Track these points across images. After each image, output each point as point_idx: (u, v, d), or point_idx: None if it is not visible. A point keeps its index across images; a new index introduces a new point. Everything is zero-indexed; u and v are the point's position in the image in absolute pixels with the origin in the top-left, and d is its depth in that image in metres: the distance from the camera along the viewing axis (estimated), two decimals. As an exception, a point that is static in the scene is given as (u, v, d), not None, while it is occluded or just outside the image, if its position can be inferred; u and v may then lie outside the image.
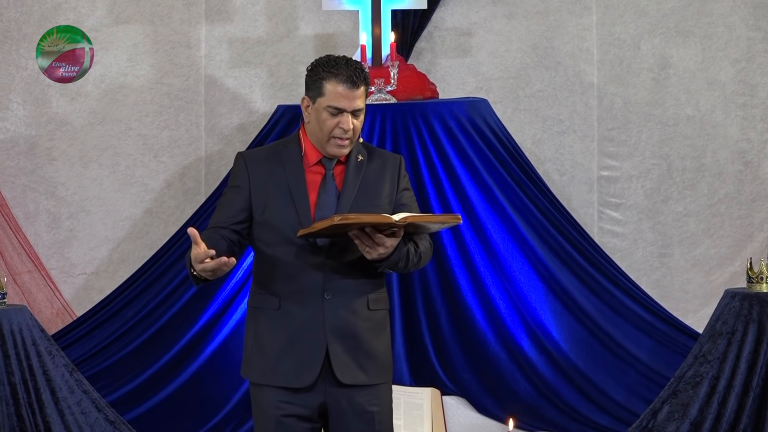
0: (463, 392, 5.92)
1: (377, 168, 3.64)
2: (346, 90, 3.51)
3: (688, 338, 6.03)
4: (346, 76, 3.51)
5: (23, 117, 6.92)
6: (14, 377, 5.00)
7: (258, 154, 3.66)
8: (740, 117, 6.97)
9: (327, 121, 3.52)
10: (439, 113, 6.20)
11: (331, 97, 3.51)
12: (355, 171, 3.60)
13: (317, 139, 3.57)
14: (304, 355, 3.52)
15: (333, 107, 3.51)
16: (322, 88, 3.52)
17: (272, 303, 3.56)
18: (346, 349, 3.53)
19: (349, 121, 3.52)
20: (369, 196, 3.58)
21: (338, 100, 3.51)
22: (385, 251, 3.45)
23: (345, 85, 3.51)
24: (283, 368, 3.53)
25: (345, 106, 3.51)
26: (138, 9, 6.99)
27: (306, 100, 3.58)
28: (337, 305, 3.53)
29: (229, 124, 7.05)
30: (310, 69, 3.57)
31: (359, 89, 3.53)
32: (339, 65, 3.52)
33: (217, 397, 5.97)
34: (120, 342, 6.17)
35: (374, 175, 3.62)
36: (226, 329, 6.07)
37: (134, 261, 6.85)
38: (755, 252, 6.76)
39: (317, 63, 3.57)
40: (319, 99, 3.53)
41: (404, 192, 3.67)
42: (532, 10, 7.01)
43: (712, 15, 6.97)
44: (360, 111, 3.55)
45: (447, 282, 6.06)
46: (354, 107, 3.52)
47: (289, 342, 3.53)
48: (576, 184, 6.99)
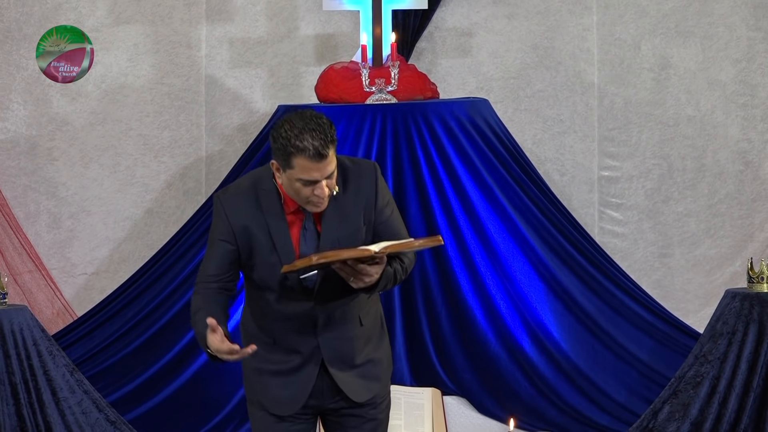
0: (464, 392, 5.92)
1: (354, 193, 3.53)
2: (316, 164, 3.34)
3: (688, 338, 6.03)
4: (314, 152, 3.32)
5: (24, 117, 6.92)
6: (15, 377, 5.00)
7: (236, 196, 3.52)
8: (741, 117, 6.97)
9: (301, 189, 3.39)
10: (439, 113, 6.19)
11: (303, 172, 3.35)
12: (332, 209, 3.49)
13: (293, 198, 3.46)
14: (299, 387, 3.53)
15: (305, 180, 3.37)
16: (291, 161, 3.35)
17: (268, 337, 3.58)
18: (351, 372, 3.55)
19: (323, 187, 3.38)
20: (349, 230, 3.51)
21: (309, 173, 3.35)
22: (370, 279, 3.40)
23: (313, 160, 3.34)
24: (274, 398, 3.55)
25: (317, 177, 3.37)
26: (138, 9, 6.99)
27: (275, 164, 3.42)
28: (331, 337, 3.53)
29: (230, 124, 7.05)
30: (274, 138, 3.39)
31: (328, 157, 3.36)
32: (305, 139, 3.33)
33: (218, 397, 5.97)
34: (121, 342, 6.16)
35: (352, 203, 3.53)
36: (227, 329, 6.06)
37: (135, 261, 6.85)
38: (756, 252, 6.76)
39: (280, 133, 3.37)
40: (288, 170, 3.38)
41: (384, 208, 3.57)
42: (532, 10, 7.01)
43: (713, 15, 6.97)
44: (333, 173, 3.41)
45: (447, 282, 6.05)
46: (326, 174, 3.38)
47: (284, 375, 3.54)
48: (576, 184, 6.99)
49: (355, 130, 6.11)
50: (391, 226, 3.57)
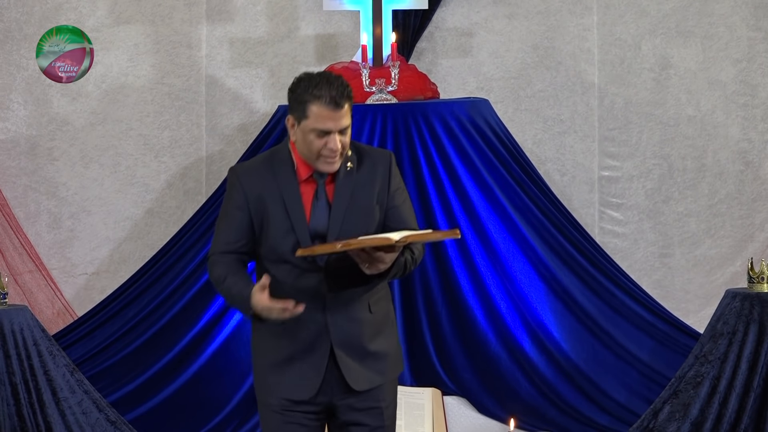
0: (464, 392, 5.92)
1: (367, 173, 3.60)
2: (331, 112, 3.43)
3: (689, 338, 6.03)
4: (330, 98, 3.43)
5: (24, 117, 6.92)
6: (15, 377, 5.00)
7: (250, 169, 3.60)
8: (741, 117, 6.97)
9: (314, 142, 3.46)
10: (440, 113, 6.19)
11: (316, 120, 3.44)
12: (344, 182, 3.55)
13: (306, 157, 3.53)
14: (308, 369, 3.53)
15: (319, 130, 3.45)
16: (306, 110, 3.45)
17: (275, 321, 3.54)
18: (354, 358, 3.55)
19: (336, 140, 3.46)
20: (360, 206, 3.56)
21: (323, 122, 3.44)
22: (384, 266, 3.44)
23: (329, 107, 3.43)
24: (285, 383, 3.54)
25: (331, 128, 3.45)
26: (139, 9, 6.99)
27: (291, 120, 3.51)
28: (340, 318, 3.53)
29: (230, 124, 7.05)
30: (292, 90, 3.50)
31: (343, 108, 3.45)
32: (321, 87, 3.44)
33: (218, 397, 5.97)
34: (121, 342, 6.17)
35: (364, 182, 3.58)
36: (227, 329, 6.07)
37: (135, 261, 6.85)
38: (756, 252, 6.76)
39: (298, 84, 3.49)
40: (303, 121, 3.46)
41: (396, 193, 3.63)
42: (533, 10, 7.01)
43: (713, 15, 6.97)
44: (347, 128, 3.49)
45: (448, 282, 6.06)
46: (340, 127, 3.46)
47: (291, 358, 3.54)
48: (577, 184, 6.99)
49: (356, 130, 6.11)
50: (401, 213, 3.62)
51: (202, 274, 6.15)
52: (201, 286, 6.14)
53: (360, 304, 3.56)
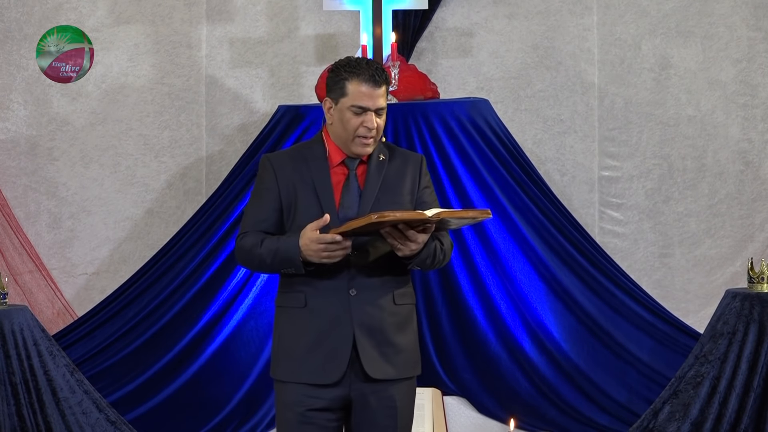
0: (464, 392, 5.92)
1: (398, 167, 3.68)
2: (369, 89, 3.56)
3: (688, 338, 6.03)
4: (368, 75, 3.56)
5: (24, 117, 6.92)
6: (15, 377, 5.00)
7: (283, 155, 3.69)
8: (741, 117, 6.97)
9: (351, 120, 3.57)
10: (440, 113, 6.20)
11: (354, 97, 3.56)
12: (376, 170, 3.63)
13: (341, 139, 3.61)
14: (331, 351, 3.55)
15: (356, 106, 3.56)
16: (345, 88, 3.57)
17: (298, 301, 3.59)
18: (374, 345, 3.57)
19: (372, 119, 3.57)
20: (390, 195, 3.62)
21: (361, 99, 3.56)
22: (417, 247, 3.50)
23: (367, 84, 3.56)
24: (310, 365, 3.56)
25: (368, 105, 3.56)
26: (139, 9, 6.99)
27: (328, 102, 3.62)
28: (363, 301, 3.56)
29: (230, 124, 7.05)
30: (332, 70, 3.62)
31: (381, 88, 3.57)
32: (360, 65, 3.57)
33: (218, 397, 5.97)
34: (121, 342, 6.17)
35: (395, 173, 3.66)
36: (227, 329, 6.07)
37: (135, 261, 6.85)
38: (756, 252, 6.76)
39: (338, 64, 3.62)
40: (342, 99, 3.57)
41: (425, 190, 3.71)
42: (533, 10, 7.01)
43: (713, 15, 6.97)
44: (383, 110, 3.59)
45: (448, 282, 6.06)
46: (377, 105, 3.57)
47: (316, 339, 3.56)
48: (577, 184, 7.00)
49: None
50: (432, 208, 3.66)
51: (202, 274, 6.15)
52: (201, 286, 6.14)
53: (384, 292, 3.60)
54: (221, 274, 6.13)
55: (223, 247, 6.16)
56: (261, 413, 5.88)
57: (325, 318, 3.56)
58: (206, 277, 6.14)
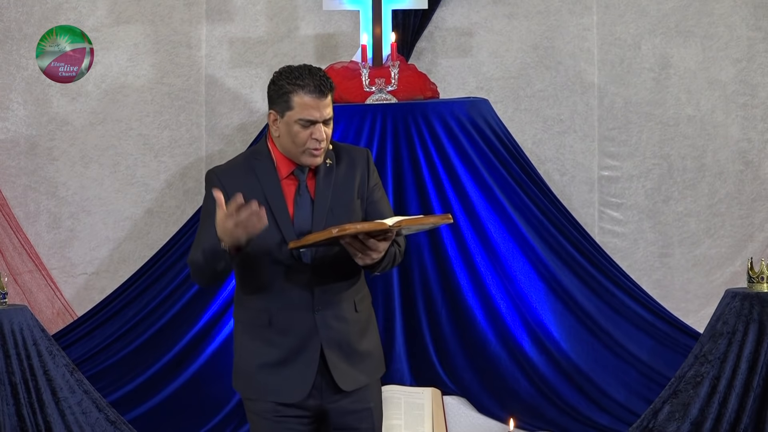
0: (464, 392, 5.92)
1: (346, 169, 3.60)
2: (314, 100, 3.44)
3: (688, 338, 6.03)
4: (313, 86, 3.44)
5: (24, 117, 6.92)
6: (15, 377, 5.00)
7: (229, 169, 3.59)
8: (741, 117, 6.97)
9: (299, 134, 3.46)
10: (439, 113, 6.19)
11: (301, 110, 3.45)
12: (325, 178, 3.55)
13: (290, 152, 3.51)
14: (298, 371, 3.51)
15: (304, 120, 3.45)
16: (290, 101, 3.45)
17: (262, 319, 3.54)
18: (342, 357, 3.54)
19: (321, 131, 3.46)
20: (343, 201, 3.56)
21: (308, 112, 3.45)
22: (378, 256, 3.44)
23: (312, 95, 3.44)
24: (276, 385, 3.52)
25: (316, 117, 3.45)
26: (138, 9, 6.99)
27: (273, 114, 3.51)
28: (327, 317, 3.52)
29: (230, 124, 7.05)
30: (274, 82, 3.50)
31: (327, 97, 3.46)
32: (303, 76, 3.45)
33: (218, 397, 5.97)
34: (121, 342, 6.17)
35: (344, 177, 3.58)
36: (227, 329, 6.07)
37: (135, 261, 6.85)
38: (756, 252, 6.76)
39: (280, 76, 3.49)
40: (288, 113, 3.46)
41: (375, 188, 3.64)
42: (532, 10, 7.01)
43: (713, 15, 6.97)
44: (330, 119, 3.49)
45: (447, 282, 6.06)
46: (325, 116, 3.47)
47: (283, 359, 3.52)
48: (576, 184, 6.99)
49: (355, 130, 6.11)
50: (381, 208, 3.63)
51: (201, 274, 6.15)
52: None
53: (347, 303, 3.56)
54: (221, 273, 6.11)
55: (222, 246, 6.15)
56: (261, 413, 5.87)
57: (292, 337, 3.50)
58: (206, 277, 6.13)
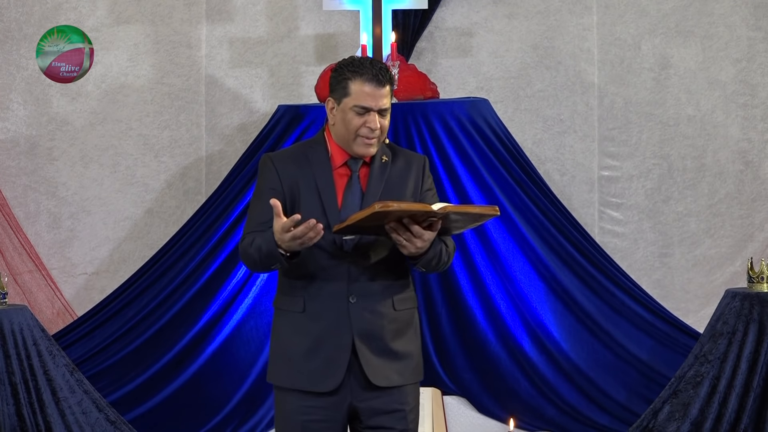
0: (464, 392, 5.92)
1: (401, 168, 3.62)
2: (372, 89, 3.49)
3: (688, 338, 6.03)
4: (372, 75, 3.49)
5: (24, 117, 6.92)
6: (15, 377, 5.00)
7: (285, 155, 3.62)
8: (741, 117, 6.97)
9: (353, 120, 3.50)
10: (439, 113, 6.19)
11: (357, 97, 3.49)
12: (379, 172, 3.58)
13: (343, 140, 3.55)
14: (329, 358, 3.49)
15: (359, 107, 3.49)
16: (348, 88, 3.50)
17: (297, 305, 3.54)
18: (375, 352, 3.52)
19: (375, 120, 3.50)
20: (393, 197, 3.56)
21: (364, 99, 3.49)
22: (422, 245, 3.43)
23: (371, 84, 3.49)
24: (308, 372, 3.50)
25: (371, 105, 3.49)
26: (138, 9, 6.99)
27: (331, 102, 3.55)
28: (362, 308, 3.51)
29: (230, 124, 7.05)
30: (335, 70, 3.56)
31: (385, 88, 3.50)
32: (364, 65, 3.50)
33: (218, 397, 5.97)
34: (121, 342, 6.17)
35: (398, 175, 3.60)
36: (227, 329, 6.07)
37: (135, 261, 6.85)
38: (756, 252, 6.76)
39: (342, 64, 3.55)
40: (344, 99, 3.51)
41: (428, 192, 3.66)
42: (532, 10, 7.01)
43: (713, 15, 6.97)
44: (386, 110, 3.53)
45: (448, 282, 6.06)
46: (380, 106, 3.50)
47: (314, 345, 3.51)
48: (577, 184, 7.00)
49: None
50: None
51: (202, 274, 6.15)
52: (201, 286, 6.14)
53: (384, 298, 3.54)
54: (221, 273, 6.12)
55: (222, 246, 6.16)
56: (261, 413, 5.88)
57: (324, 325, 3.50)
58: (206, 277, 6.14)
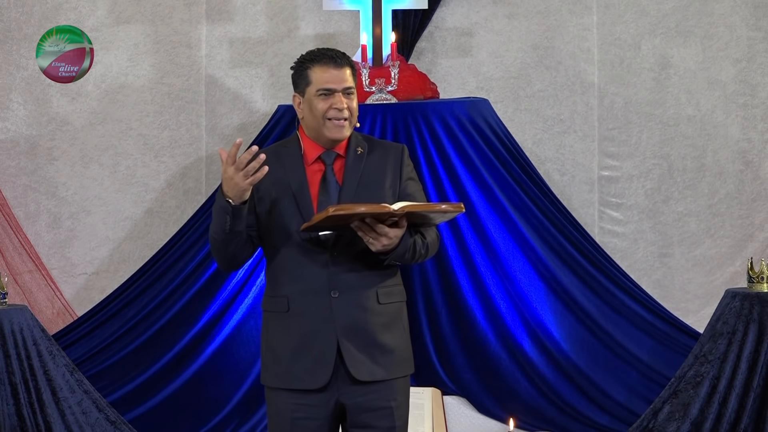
0: (464, 392, 5.92)
1: (378, 159, 3.61)
2: (332, 70, 3.53)
3: (688, 338, 6.03)
4: (329, 58, 3.54)
5: (24, 117, 6.92)
6: (15, 377, 5.00)
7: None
8: (741, 117, 6.97)
9: (319, 105, 3.52)
10: (439, 113, 6.19)
11: (319, 81, 3.53)
12: (354, 164, 3.57)
13: (315, 130, 3.56)
14: (316, 355, 3.50)
15: (323, 89, 3.53)
16: (309, 77, 3.55)
17: (281, 305, 3.55)
18: (359, 347, 3.51)
19: (341, 99, 3.52)
20: (370, 189, 3.55)
21: (326, 81, 3.53)
22: (389, 242, 3.42)
23: (329, 66, 3.54)
24: (297, 370, 3.51)
25: (334, 86, 3.52)
26: (138, 9, 6.99)
27: (297, 97, 3.59)
28: (345, 303, 3.50)
29: (230, 123, 7.05)
30: (294, 66, 3.61)
31: (344, 68, 3.55)
32: (320, 52, 3.58)
33: (218, 397, 5.97)
34: (121, 342, 6.17)
35: (375, 166, 3.59)
36: (227, 329, 6.07)
37: (135, 261, 6.85)
38: (756, 252, 6.76)
39: (299, 59, 3.62)
40: (308, 89, 3.55)
41: (408, 182, 3.63)
42: (532, 10, 7.01)
43: (713, 15, 6.97)
44: (351, 90, 3.55)
45: (447, 282, 6.06)
46: (344, 85, 3.53)
47: (300, 344, 3.51)
48: (577, 184, 6.99)
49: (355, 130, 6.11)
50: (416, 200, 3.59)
51: (202, 274, 6.15)
52: (201, 286, 6.14)
53: (368, 291, 3.53)
54: (221, 273, 6.12)
55: (222, 246, 6.15)
56: (261, 413, 5.88)
57: (308, 322, 3.50)
58: (206, 277, 6.14)
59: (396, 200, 3.58)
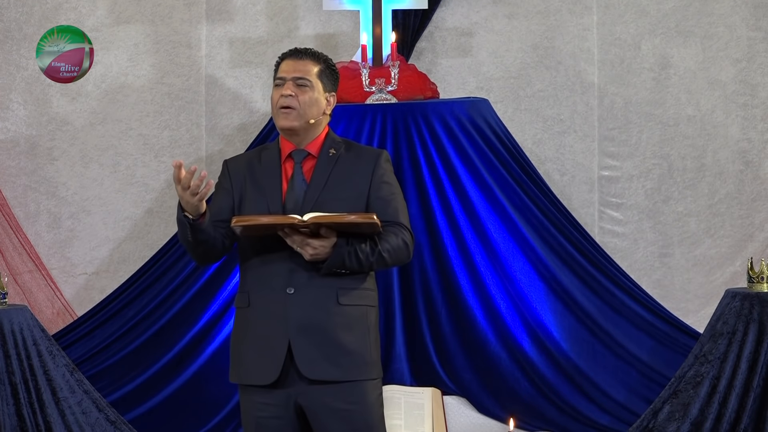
0: (464, 392, 5.92)
1: (351, 162, 3.63)
2: (289, 61, 3.62)
3: (688, 338, 6.03)
4: (293, 52, 3.65)
5: (24, 117, 6.92)
6: (15, 377, 5.00)
7: (240, 157, 3.77)
8: (741, 117, 6.97)
9: (273, 95, 3.63)
10: (439, 113, 6.19)
11: (278, 73, 3.64)
12: (325, 164, 3.60)
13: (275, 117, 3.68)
14: (267, 351, 3.51)
15: (276, 79, 3.63)
16: (277, 72, 3.66)
17: (244, 301, 3.60)
18: (312, 344, 3.49)
19: (289, 87, 3.58)
20: (337, 190, 3.57)
21: (281, 72, 3.63)
22: (314, 251, 3.44)
23: (289, 57, 3.63)
24: (250, 365, 3.54)
25: (285, 75, 3.60)
26: (138, 9, 6.99)
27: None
28: (301, 300, 3.50)
29: (230, 124, 7.05)
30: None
31: (303, 60, 3.62)
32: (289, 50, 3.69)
33: (218, 396, 5.97)
34: (121, 342, 6.17)
35: (346, 168, 3.61)
36: (227, 329, 6.07)
37: (135, 261, 6.85)
38: (756, 252, 6.76)
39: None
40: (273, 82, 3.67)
41: (381, 185, 3.62)
42: (532, 10, 7.01)
43: (713, 15, 6.97)
44: (304, 82, 3.59)
45: (447, 282, 6.06)
46: (294, 75, 3.59)
47: (253, 339, 3.54)
48: (577, 183, 6.99)
49: (355, 130, 6.11)
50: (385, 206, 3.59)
51: (202, 274, 6.15)
52: (201, 286, 6.14)
53: (326, 290, 3.52)
54: (221, 273, 6.13)
55: (222, 246, 6.15)
56: (261, 413, 5.87)
57: (264, 317, 3.53)
58: (206, 277, 6.14)
59: (364, 202, 3.57)
